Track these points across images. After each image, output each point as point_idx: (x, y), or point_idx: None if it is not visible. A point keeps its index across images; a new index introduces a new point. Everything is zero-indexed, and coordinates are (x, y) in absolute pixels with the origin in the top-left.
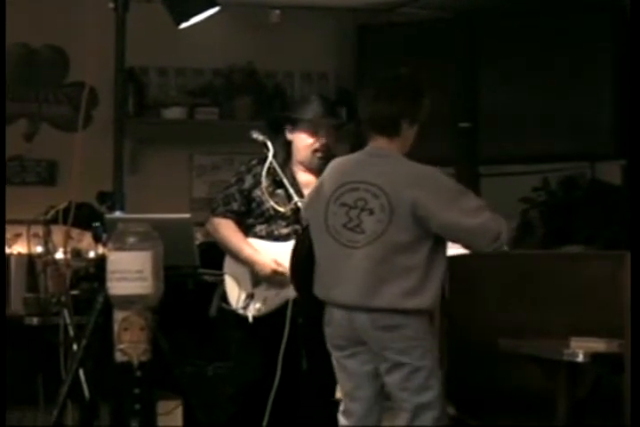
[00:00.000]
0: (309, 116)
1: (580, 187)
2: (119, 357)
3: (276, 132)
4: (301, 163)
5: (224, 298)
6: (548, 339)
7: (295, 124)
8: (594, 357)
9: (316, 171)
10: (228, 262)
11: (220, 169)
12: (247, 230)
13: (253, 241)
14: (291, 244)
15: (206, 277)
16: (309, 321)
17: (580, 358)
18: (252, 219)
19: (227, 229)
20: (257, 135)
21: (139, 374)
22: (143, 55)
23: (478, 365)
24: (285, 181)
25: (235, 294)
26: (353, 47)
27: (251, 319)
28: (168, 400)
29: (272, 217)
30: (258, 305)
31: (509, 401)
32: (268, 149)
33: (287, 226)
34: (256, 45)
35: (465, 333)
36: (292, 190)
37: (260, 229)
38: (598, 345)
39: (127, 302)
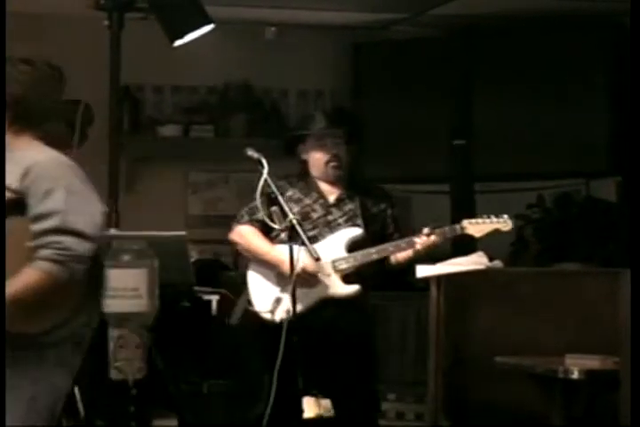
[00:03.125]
0: (312, 131)
1: (575, 204)
2: (114, 374)
3: (292, 153)
4: (319, 177)
5: (249, 303)
6: (545, 356)
7: (304, 142)
8: (589, 374)
9: (335, 182)
10: (253, 268)
11: (216, 186)
12: (276, 239)
13: (279, 247)
14: (320, 244)
15: (201, 295)
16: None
17: (575, 376)
18: (276, 231)
19: (252, 235)
20: (252, 153)
21: (134, 391)
22: (138, 73)
23: (474, 381)
24: (280, 197)
25: (261, 298)
26: (349, 65)
27: (278, 320)
28: (163, 418)
29: (298, 221)
30: (288, 307)
31: (505, 418)
32: (262, 167)
33: (313, 229)
34: (252, 63)
35: (461, 350)
36: (286, 207)
37: (284, 235)
38: (593, 362)
39: (122, 319)
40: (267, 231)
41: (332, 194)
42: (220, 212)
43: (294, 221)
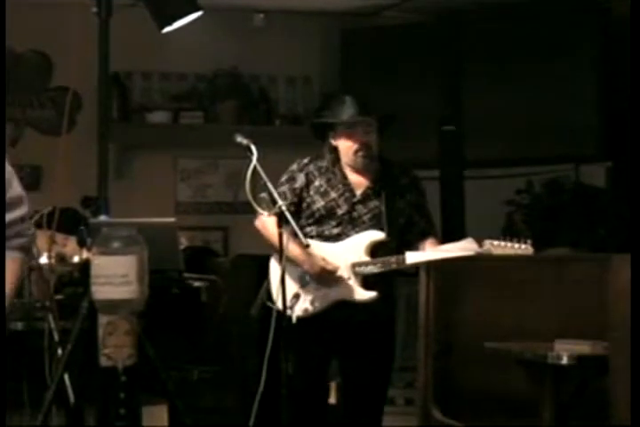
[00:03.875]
0: (344, 118)
1: (564, 189)
2: (104, 361)
3: (322, 138)
4: (349, 165)
5: (269, 297)
6: (534, 342)
7: (334, 129)
8: (578, 359)
9: (363, 171)
10: (275, 261)
11: (205, 173)
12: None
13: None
14: (341, 244)
15: (191, 282)
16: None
17: (565, 361)
18: (302, 220)
19: (274, 227)
20: (241, 139)
21: (124, 378)
22: (127, 60)
23: (464, 368)
24: (269, 184)
25: (280, 293)
26: (337, 51)
27: (294, 320)
28: (153, 405)
29: (322, 217)
30: (305, 305)
31: (495, 404)
32: (251, 153)
33: (337, 226)
34: (240, 49)
35: (450, 335)
36: (275, 195)
37: (310, 229)
38: (583, 348)
39: (112, 306)
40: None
41: (359, 187)
42: (209, 198)
43: (283, 208)
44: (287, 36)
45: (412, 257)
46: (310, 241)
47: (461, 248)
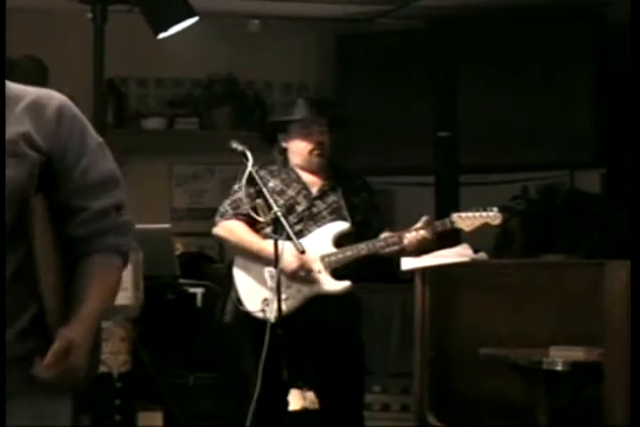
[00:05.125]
0: (297, 117)
1: (559, 195)
2: (99, 368)
3: (271, 141)
4: (301, 166)
5: (239, 302)
6: (529, 348)
7: (287, 130)
8: (573, 365)
9: (316, 170)
10: (240, 265)
11: (201, 179)
12: (260, 234)
13: (266, 242)
14: (307, 239)
15: (186, 288)
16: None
17: (560, 367)
18: (261, 224)
19: (241, 231)
20: (236, 145)
21: (119, 384)
22: (122, 66)
23: (459, 373)
24: (264, 190)
25: (251, 296)
26: (332, 57)
27: (273, 320)
28: (149, 411)
29: (283, 215)
30: (280, 305)
31: (490, 410)
32: (247, 159)
33: (299, 222)
34: (236, 55)
35: (446, 341)
36: (271, 200)
37: (269, 229)
38: (577, 354)
39: (107, 312)
40: (252, 225)
41: (314, 185)
42: (204, 204)
43: (279, 214)
44: (283, 42)
45: (407, 263)
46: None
47: (457, 254)
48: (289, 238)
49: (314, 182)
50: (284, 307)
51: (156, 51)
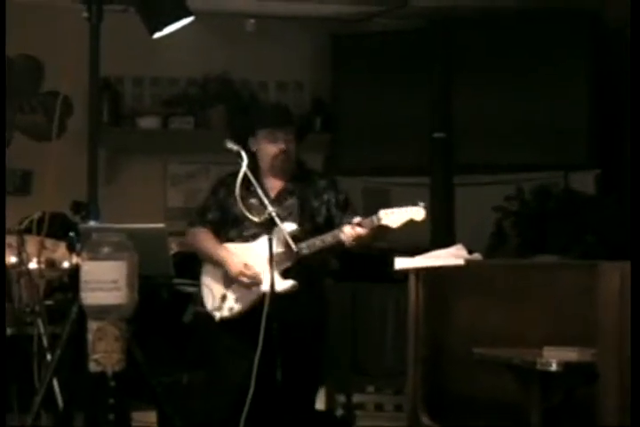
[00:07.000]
0: (265, 125)
1: (553, 196)
2: (93, 367)
3: (242, 143)
4: (266, 170)
5: (200, 302)
6: (523, 348)
7: (254, 135)
8: (566, 366)
9: (280, 175)
10: (206, 269)
11: (195, 178)
12: (224, 237)
13: (227, 245)
14: (258, 242)
15: (181, 287)
16: (284, 328)
17: (554, 368)
18: (227, 226)
19: (203, 237)
20: (231, 145)
21: (113, 383)
22: (118, 65)
23: (453, 373)
24: (259, 190)
25: (210, 296)
26: (328, 57)
27: (218, 318)
28: (142, 410)
29: (241, 220)
30: (231, 304)
31: (483, 410)
32: (242, 159)
33: (255, 226)
34: (231, 55)
35: (440, 341)
36: (266, 200)
37: (232, 232)
38: (571, 354)
39: (101, 311)
40: (219, 231)
41: (274, 188)
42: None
43: (274, 214)
44: (278, 41)
45: (400, 263)
46: (233, 244)
47: (451, 254)
48: (246, 240)
49: (275, 186)
50: (235, 306)
51: (151, 50)
